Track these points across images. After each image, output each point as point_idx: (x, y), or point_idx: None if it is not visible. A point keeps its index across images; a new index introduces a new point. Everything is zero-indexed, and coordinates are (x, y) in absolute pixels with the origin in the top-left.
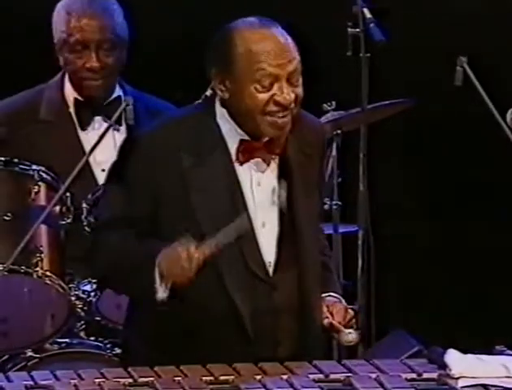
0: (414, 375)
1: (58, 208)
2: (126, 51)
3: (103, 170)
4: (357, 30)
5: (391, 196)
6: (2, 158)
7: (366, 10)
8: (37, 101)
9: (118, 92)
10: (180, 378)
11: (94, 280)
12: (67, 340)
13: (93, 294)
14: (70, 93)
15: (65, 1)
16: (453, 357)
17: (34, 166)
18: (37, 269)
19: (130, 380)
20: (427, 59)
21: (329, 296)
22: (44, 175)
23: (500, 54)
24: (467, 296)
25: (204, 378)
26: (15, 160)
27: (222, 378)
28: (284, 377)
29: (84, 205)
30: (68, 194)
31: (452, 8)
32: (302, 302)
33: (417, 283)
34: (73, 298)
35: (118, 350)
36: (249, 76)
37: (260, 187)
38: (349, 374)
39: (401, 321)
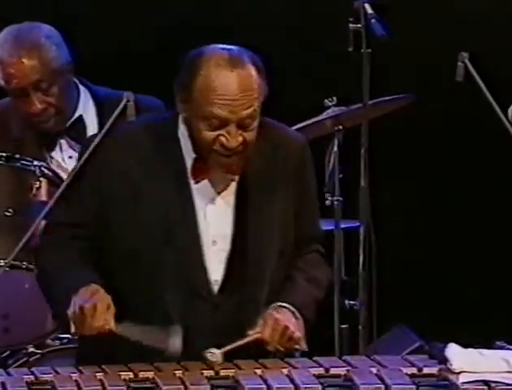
0: (414, 370)
1: None
2: (70, 72)
3: None
4: (359, 25)
5: (392, 192)
6: (4, 154)
7: (367, 6)
8: (9, 119)
9: (80, 111)
10: (180, 372)
11: None
12: (68, 335)
13: None
14: None
15: None
16: (453, 351)
17: (35, 162)
18: None
19: (131, 375)
20: (429, 55)
21: (278, 305)
22: (45, 171)
23: (501, 50)
24: (468, 293)
25: (205, 372)
26: (17, 156)
27: (222, 372)
28: (285, 371)
29: None
30: None
31: (453, 4)
32: (242, 325)
33: (418, 280)
34: None
35: None
36: (199, 112)
37: (215, 205)
38: (349, 369)
39: (402, 317)
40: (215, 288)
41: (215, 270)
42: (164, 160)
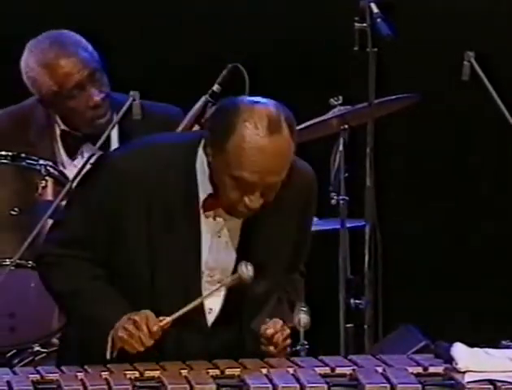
0: (420, 370)
1: (64, 202)
2: None
3: None
4: (364, 25)
5: (397, 191)
6: (10, 153)
7: (373, 5)
8: (28, 122)
9: None
10: (186, 371)
11: None
12: None
13: None
14: (55, 123)
15: (31, 56)
16: (459, 350)
17: (41, 161)
18: None
19: (136, 374)
20: (434, 54)
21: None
22: (51, 170)
23: (507, 49)
24: (474, 292)
25: (210, 372)
26: (22, 155)
27: (228, 372)
28: (290, 371)
29: None
30: None
31: (459, 3)
32: (235, 353)
33: (423, 279)
34: None
35: None
36: (229, 170)
37: (220, 238)
38: (355, 368)
39: (407, 316)
40: (209, 317)
41: (214, 300)
42: (178, 186)
